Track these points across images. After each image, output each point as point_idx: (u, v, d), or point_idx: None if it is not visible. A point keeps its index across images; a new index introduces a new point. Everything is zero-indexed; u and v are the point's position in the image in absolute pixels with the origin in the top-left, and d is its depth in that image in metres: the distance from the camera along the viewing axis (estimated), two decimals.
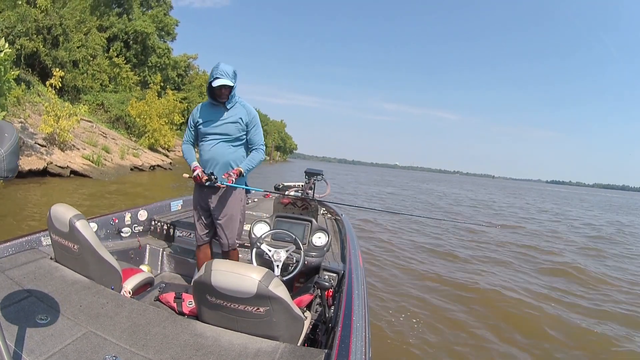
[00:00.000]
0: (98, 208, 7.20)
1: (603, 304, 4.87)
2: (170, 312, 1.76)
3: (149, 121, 20.57)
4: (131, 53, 28.76)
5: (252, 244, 2.76)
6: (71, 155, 11.69)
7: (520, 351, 3.46)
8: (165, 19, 31.05)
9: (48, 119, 11.48)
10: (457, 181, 70.86)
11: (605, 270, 6.67)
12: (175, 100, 23.05)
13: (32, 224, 5.58)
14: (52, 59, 20.68)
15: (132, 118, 21.03)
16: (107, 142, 15.82)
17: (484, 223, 10.33)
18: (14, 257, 1.98)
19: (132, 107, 20.79)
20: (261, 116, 56.34)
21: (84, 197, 8.43)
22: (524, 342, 3.63)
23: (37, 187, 8.71)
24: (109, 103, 22.26)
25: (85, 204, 7.56)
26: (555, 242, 9.28)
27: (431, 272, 5.62)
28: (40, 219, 5.76)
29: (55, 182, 9.87)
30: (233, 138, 2.59)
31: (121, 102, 22.41)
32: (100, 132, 16.71)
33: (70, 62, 21.58)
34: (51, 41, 21.06)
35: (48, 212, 1.94)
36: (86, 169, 11.18)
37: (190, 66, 41.79)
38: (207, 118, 2.62)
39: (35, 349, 1.28)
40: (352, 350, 1.39)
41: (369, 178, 42.15)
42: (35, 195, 7.76)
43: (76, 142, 13.05)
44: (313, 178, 4.14)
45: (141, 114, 20.58)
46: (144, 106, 20.73)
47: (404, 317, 3.95)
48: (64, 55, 21.07)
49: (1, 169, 0.84)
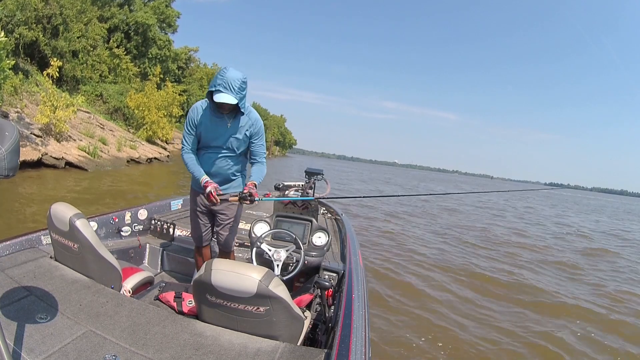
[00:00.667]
0: (87, 202, 7.19)
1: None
2: (170, 311, 1.77)
3: (147, 113, 20.47)
4: (132, 44, 28.65)
5: (252, 244, 2.76)
6: (67, 147, 11.66)
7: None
8: (167, 11, 30.88)
9: (44, 109, 11.42)
10: (484, 183, 69.42)
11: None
12: (175, 93, 22.87)
13: (19, 218, 5.56)
14: (52, 49, 20.58)
15: (130, 110, 20.94)
16: (105, 133, 15.79)
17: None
18: (14, 255, 1.97)
19: (130, 98, 20.69)
20: (261, 110, 55.89)
21: (74, 190, 8.42)
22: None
23: (28, 179, 8.63)
24: (107, 94, 22.18)
25: (71, 196, 7.54)
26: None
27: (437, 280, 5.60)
28: (25, 213, 5.71)
29: (48, 173, 9.83)
30: (236, 151, 2.46)
31: (120, 93, 22.34)
32: (98, 123, 16.68)
33: (69, 52, 21.52)
34: (51, 31, 20.94)
35: (48, 211, 1.93)
36: (81, 160, 11.13)
37: (191, 59, 41.65)
38: (208, 129, 2.37)
39: (35, 347, 1.28)
40: (352, 350, 1.39)
41: (372, 176, 41.52)
42: (23, 188, 7.68)
43: (73, 133, 13.01)
44: (313, 177, 4.13)
45: (140, 105, 20.47)
46: (142, 98, 20.62)
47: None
48: (64, 45, 20.95)
49: (2, 168, 0.84)
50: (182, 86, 35.74)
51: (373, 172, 56.73)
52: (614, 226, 16.55)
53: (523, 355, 3.49)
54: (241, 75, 2.16)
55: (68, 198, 7.03)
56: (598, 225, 16.38)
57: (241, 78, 2.16)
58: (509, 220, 13.66)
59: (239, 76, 2.14)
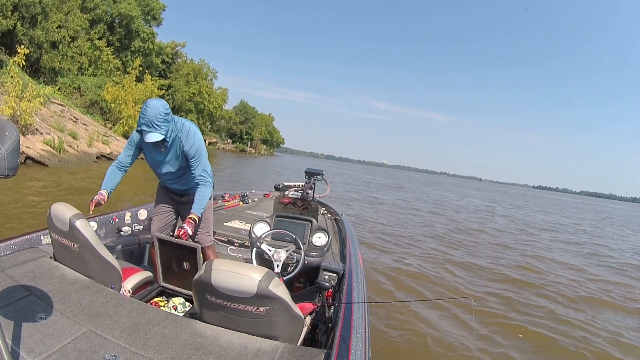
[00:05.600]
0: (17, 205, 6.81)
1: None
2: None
3: (124, 107, 19.92)
4: (115, 37, 28.10)
5: (252, 244, 2.79)
6: (32, 140, 11.19)
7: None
8: (152, 3, 30.32)
9: (9, 100, 10.96)
10: (454, 184, 71.15)
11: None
12: (154, 86, 22.31)
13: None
14: (29, 39, 20.03)
15: (107, 103, 20.39)
16: (77, 127, 15.28)
17: None
18: (14, 255, 1.98)
19: (107, 91, 20.11)
20: (249, 109, 55.47)
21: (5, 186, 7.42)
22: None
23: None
24: (85, 87, 21.63)
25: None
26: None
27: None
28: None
29: None
30: (184, 171, 2.47)
31: (98, 86, 21.78)
32: (72, 116, 16.15)
33: (48, 43, 20.96)
34: (29, 20, 20.38)
35: (48, 211, 1.93)
36: (43, 155, 10.64)
37: (178, 54, 41.07)
38: (148, 155, 2.46)
39: (35, 347, 1.28)
40: (352, 350, 1.41)
41: (381, 180, 40.87)
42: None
43: (42, 126, 12.52)
44: (313, 178, 4.12)
45: (116, 99, 19.92)
46: (119, 91, 20.06)
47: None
48: (40, 34, 20.40)
49: (2, 168, 0.85)
50: (167, 81, 35.22)
51: (356, 172, 56.64)
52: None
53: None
54: (162, 108, 2.18)
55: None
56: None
57: (162, 111, 2.18)
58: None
59: (159, 110, 2.16)
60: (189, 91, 39.12)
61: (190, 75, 39.68)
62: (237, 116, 62.71)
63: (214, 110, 43.34)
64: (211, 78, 44.89)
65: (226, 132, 63.27)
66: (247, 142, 64.56)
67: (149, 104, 2.17)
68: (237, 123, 63.05)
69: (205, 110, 41.84)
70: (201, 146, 2.44)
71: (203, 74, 42.31)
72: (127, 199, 7.78)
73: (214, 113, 43.89)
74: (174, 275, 2.25)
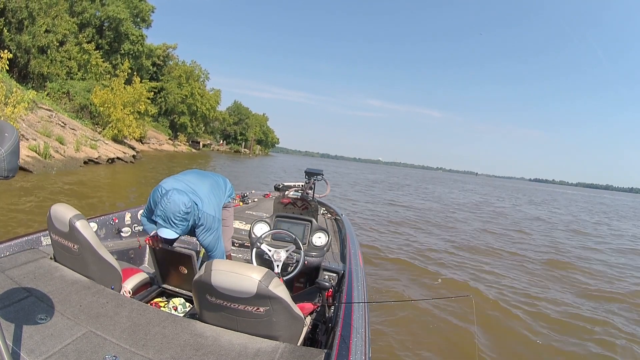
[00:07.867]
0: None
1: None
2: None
3: (112, 110, 19.76)
4: (104, 40, 27.93)
5: (252, 244, 2.78)
6: None
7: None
8: (140, 5, 30.24)
9: None
10: (449, 179, 70.90)
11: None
12: (143, 88, 22.13)
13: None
14: (17, 44, 19.88)
15: (96, 107, 20.26)
16: (64, 132, 15.15)
17: None
18: (14, 256, 1.98)
19: (95, 95, 19.96)
20: (243, 109, 55.43)
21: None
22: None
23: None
24: (74, 91, 21.47)
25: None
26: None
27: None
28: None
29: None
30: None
31: (87, 90, 21.63)
32: (60, 121, 16.01)
33: (36, 48, 20.79)
34: (16, 25, 20.22)
35: (48, 211, 1.92)
36: (28, 161, 10.53)
37: (170, 56, 40.93)
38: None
39: (35, 348, 1.28)
40: (352, 350, 1.41)
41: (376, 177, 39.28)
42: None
43: (28, 132, 12.42)
44: (313, 178, 4.10)
45: (105, 102, 19.77)
46: (107, 94, 19.91)
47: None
48: (27, 39, 20.25)
49: (2, 169, 0.85)
50: (159, 84, 35.04)
51: (355, 170, 56.48)
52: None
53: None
54: (183, 206, 1.98)
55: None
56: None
57: (183, 210, 1.98)
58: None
59: (179, 208, 1.98)
60: (181, 93, 39.02)
61: (182, 77, 39.58)
62: (231, 117, 62.64)
63: (207, 112, 43.26)
64: (203, 79, 44.82)
65: (220, 133, 63.20)
66: (242, 143, 64.41)
67: (170, 198, 1.98)
68: (231, 124, 62.99)
69: (198, 112, 41.76)
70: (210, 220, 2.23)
71: (195, 76, 42.22)
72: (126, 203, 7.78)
73: (207, 115, 43.81)
74: (173, 277, 2.26)
